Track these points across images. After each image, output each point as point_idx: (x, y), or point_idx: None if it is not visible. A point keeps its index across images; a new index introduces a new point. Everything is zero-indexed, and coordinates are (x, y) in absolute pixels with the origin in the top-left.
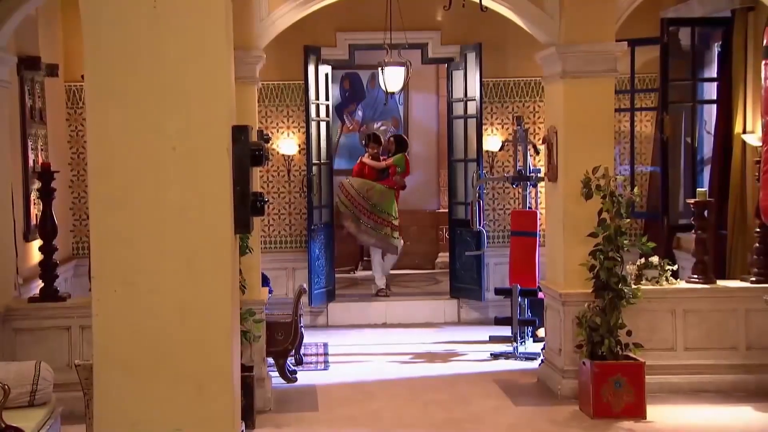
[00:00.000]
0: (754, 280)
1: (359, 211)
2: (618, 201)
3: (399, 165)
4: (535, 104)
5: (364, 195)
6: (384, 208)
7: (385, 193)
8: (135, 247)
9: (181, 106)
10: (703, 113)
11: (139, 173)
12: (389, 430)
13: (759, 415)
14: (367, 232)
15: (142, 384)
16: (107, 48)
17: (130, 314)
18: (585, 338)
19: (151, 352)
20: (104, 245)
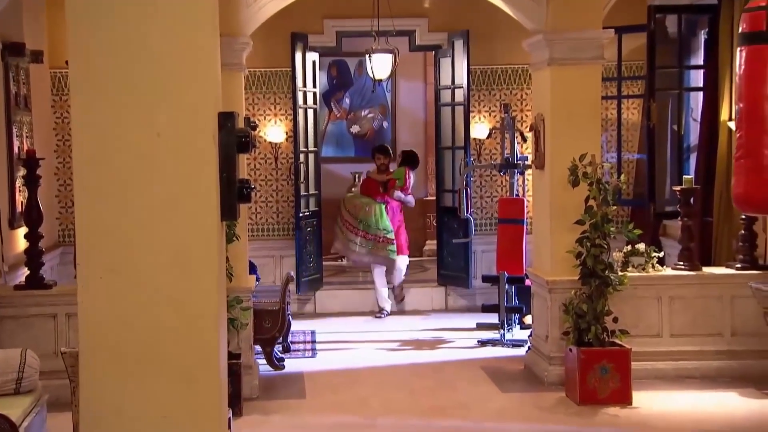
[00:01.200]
0: (740, 267)
1: (346, 228)
2: (605, 188)
3: (398, 178)
4: (522, 92)
5: (351, 211)
6: (373, 222)
7: (371, 207)
8: (120, 234)
9: (167, 93)
10: (689, 100)
11: (124, 159)
12: (376, 417)
13: (743, 400)
14: (355, 250)
15: (128, 371)
16: (91, 33)
17: (116, 301)
18: (571, 325)
19: (137, 340)
20: (89, 232)
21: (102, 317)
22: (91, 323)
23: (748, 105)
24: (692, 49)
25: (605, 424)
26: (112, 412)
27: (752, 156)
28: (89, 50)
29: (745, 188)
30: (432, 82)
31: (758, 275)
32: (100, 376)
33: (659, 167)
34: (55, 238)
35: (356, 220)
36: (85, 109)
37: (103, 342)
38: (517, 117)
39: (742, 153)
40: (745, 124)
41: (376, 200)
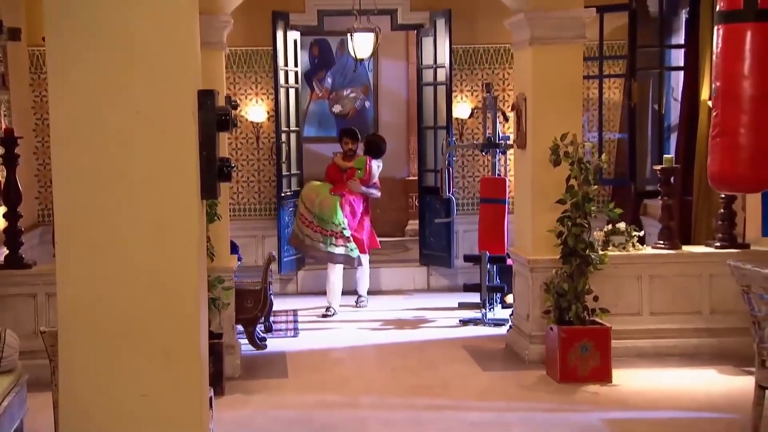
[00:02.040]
0: (719, 246)
1: (302, 222)
2: (586, 168)
3: (359, 168)
4: (504, 71)
5: (307, 203)
6: (327, 217)
7: (326, 200)
8: (99, 213)
9: (145, 70)
10: (670, 80)
11: (102, 138)
12: (358, 396)
13: (722, 377)
14: (312, 246)
15: (107, 350)
16: (68, 10)
17: (95, 280)
18: (552, 304)
19: (117, 318)
20: (68, 211)
21: (81, 296)
22: (70, 302)
23: (725, 83)
24: (673, 29)
25: (585, 402)
26: (91, 391)
27: (728, 135)
28: (66, 27)
29: (720, 167)
30: (414, 62)
31: (737, 254)
32: (79, 356)
33: (640, 147)
34: (35, 218)
35: (311, 214)
36: (62, 87)
37: (82, 321)
38: (499, 96)
39: (717, 132)
40: (721, 102)
41: (333, 192)
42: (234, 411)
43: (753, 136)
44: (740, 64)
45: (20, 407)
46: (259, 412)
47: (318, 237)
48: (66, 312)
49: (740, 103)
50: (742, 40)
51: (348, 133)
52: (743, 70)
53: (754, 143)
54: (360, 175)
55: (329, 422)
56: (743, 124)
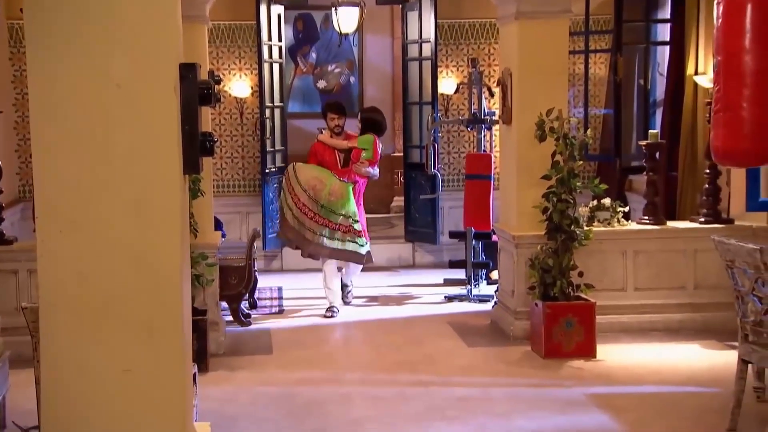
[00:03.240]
0: (703, 221)
1: (300, 210)
2: (571, 143)
3: (365, 149)
4: (490, 46)
5: (307, 188)
6: (336, 208)
7: (337, 188)
8: (80, 188)
9: (125, 43)
10: (656, 55)
11: (83, 112)
12: (343, 372)
13: (705, 352)
14: (315, 242)
15: (89, 326)
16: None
17: (77, 255)
18: (537, 280)
19: (99, 294)
20: (48, 186)
21: (62, 272)
22: (51, 278)
23: (726, 58)
24: (659, 3)
25: (570, 377)
26: (73, 366)
27: (730, 109)
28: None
29: (723, 141)
30: (399, 37)
31: (721, 229)
32: (61, 331)
33: (625, 122)
34: (16, 194)
35: (316, 203)
36: (42, 60)
37: (63, 297)
38: (485, 72)
39: (720, 106)
40: (722, 77)
41: (341, 178)
42: (218, 387)
43: (755, 110)
44: (741, 39)
45: (2, 384)
46: (244, 389)
47: (323, 231)
48: (47, 288)
49: (742, 77)
50: (743, 14)
51: (334, 107)
52: (744, 44)
53: (756, 117)
54: (367, 156)
55: (314, 398)
56: (745, 98)
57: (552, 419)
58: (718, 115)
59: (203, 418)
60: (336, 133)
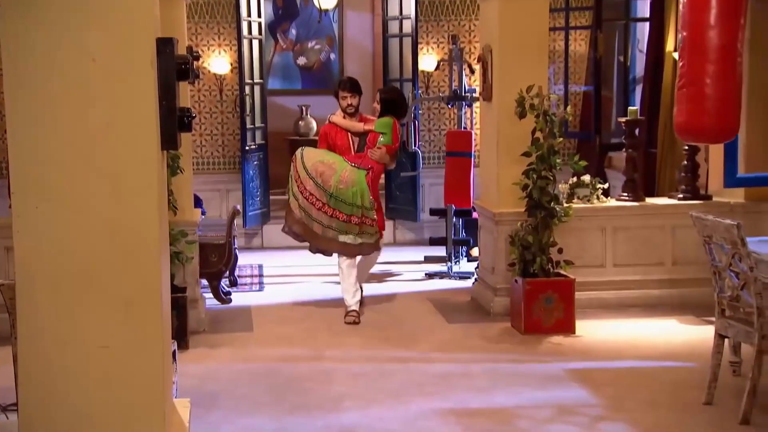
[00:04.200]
0: (681, 197)
1: (306, 200)
2: (551, 120)
3: (384, 132)
4: (470, 23)
5: (315, 176)
6: (347, 197)
7: (348, 175)
8: (56, 163)
9: (101, 16)
10: (636, 31)
11: (58, 86)
12: (323, 349)
13: (682, 327)
14: (324, 236)
15: (66, 302)
16: None
17: (54, 231)
18: (517, 257)
19: (76, 270)
20: (23, 161)
21: (38, 248)
22: (27, 254)
23: (691, 34)
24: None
25: (549, 353)
26: (51, 343)
27: (694, 85)
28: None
29: (686, 117)
30: (380, 13)
31: (699, 205)
32: (38, 308)
33: (605, 99)
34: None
35: (325, 193)
36: (16, 33)
37: (40, 273)
38: (465, 48)
39: (684, 82)
40: (687, 52)
41: (353, 163)
42: (199, 364)
43: (719, 85)
44: (706, 14)
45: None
46: (224, 366)
47: (334, 224)
48: (24, 264)
49: (706, 53)
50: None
51: (346, 84)
52: (709, 19)
53: (719, 93)
54: (386, 141)
55: (295, 375)
56: (709, 74)
57: (531, 394)
58: (682, 90)
59: (183, 394)
60: (349, 114)
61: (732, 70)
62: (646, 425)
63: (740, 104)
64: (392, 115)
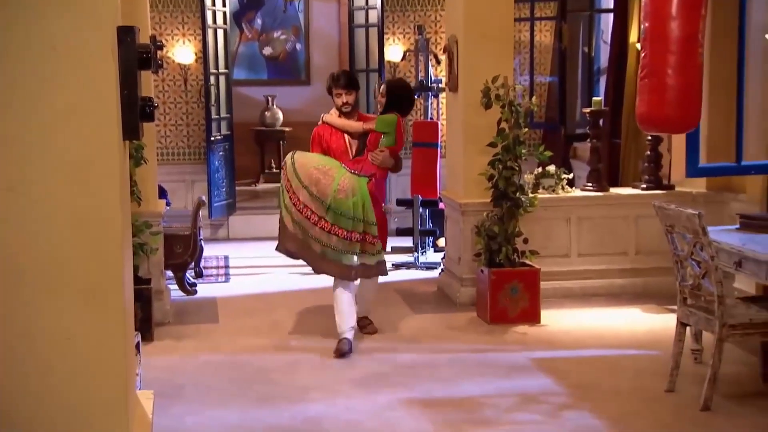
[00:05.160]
0: (645, 187)
1: (304, 218)
2: (517, 111)
3: (386, 131)
4: (436, 13)
5: (309, 185)
6: (346, 210)
7: (348, 182)
8: (16, 152)
9: (61, 3)
10: (600, 22)
11: (17, 74)
12: (290, 340)
13: (645, 315)
14: (322, 255)
15: (27, 293)
16: None
17: (13, 221)
18: (483, 247)
19: (36, 261)
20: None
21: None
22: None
23: (653, 24)
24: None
25: (514, 342)
26: (12, 335)
27: (656, 75)
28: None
29: (648, 107)
30: (345, 3)
31: (662, 195)
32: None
33: (570, 90)
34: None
35: (321, 204)
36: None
37: (0, 264)
38: (431, 39)
39: (646, 72)
40: (649, 43)
41: (353, 169)
42: (164, 356)
43: (680, 76)
44: (668, 5)
45: None
46: (190, 358)
47: (334, 242)
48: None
49: (668, 43)
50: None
51: (342, 80)
52: (671, 10)
53: (681, 84)
54: (388, 143)
55: (260, 366)
56: (671, 64)
57: (497, 383)
58: (644, 81)
59: (148, 386)
60: (345, 113)
61: (693, 61)
62: (609, 413)
63: (701, 95)
64: (397, 111)
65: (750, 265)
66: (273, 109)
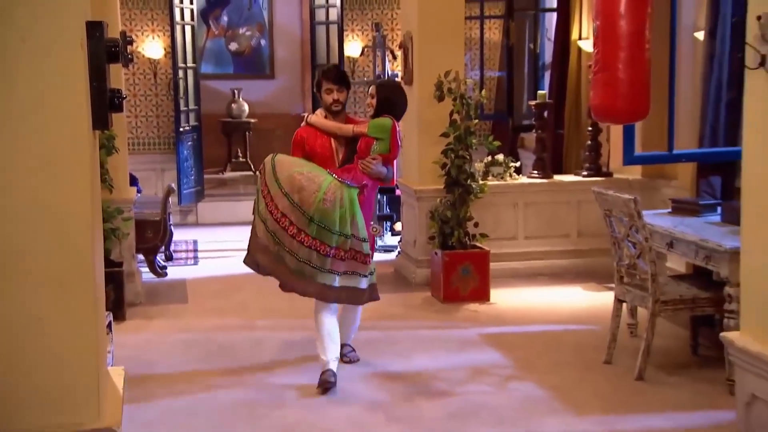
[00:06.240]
0: (586, 174)
1: (281, 228)
2: (467, 103)
3: (380, 137)
4: (393, 11)
5: (293, 197)
6: (332, 223)
7: (334, 191)
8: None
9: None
10: (544, 21)
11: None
12: (255, 320)
13: (586, 293)
14: (300, 273)
15: (1, 274)
16: None
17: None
18: (437, 230)
19: (10, 245)
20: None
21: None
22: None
23: (604, 23)
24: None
25: (466, 319)
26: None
27: (608, 70)
28: None
29: (601, 100)
30: (307, 1)
31: (601, 181)
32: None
33: (517, 84)
34: None
35: (303, 215)
36: None
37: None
38: (388, 36)
39: (599, 68)
40: (600, 40)
41: (341, 178)
42: (135, 335)
43: (629, 70)
44: (617, 4)
45: None
46: (160, 336)
47: (313, 258)
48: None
49: (618, 40)
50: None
51: (334, 74)
52: (620, 9)
53: (631, 77)
54: (382, 149)
55: (227, 343)
56: (621, 60)
57: (449, 358)
58: (597, 75)
59: (120, 363)
60: (334, 113)
61: (641, 56)
62: (552, 383)
63: (649, 87)
64: (389, 114)
65: (681, 246)
66: (239, 101)
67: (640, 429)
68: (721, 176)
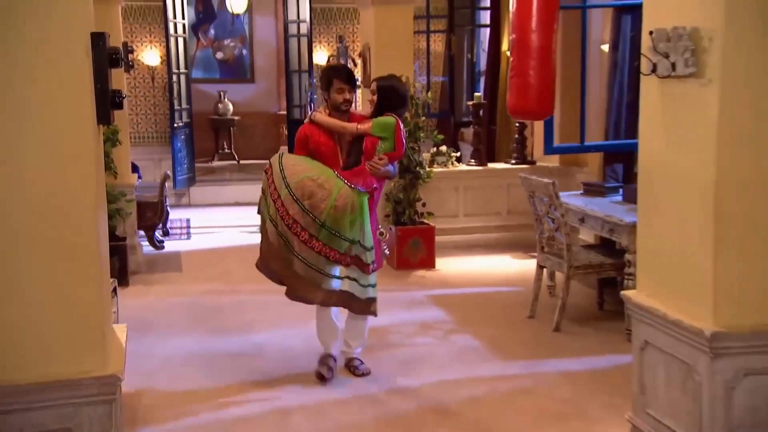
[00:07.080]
0: (514, 163)
1: (292, 234)
2: (416, 103)
3: (384, 136)
4: (354, 26)
5: (303, 203)
6: (343, 229)
7: (346, 197)
8: (6, 135)
9: (43, 12)
10: (480, 35)
11: (6, 69)
12: (238, 284)
13: (514, 261)
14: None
15: (16, 249)
16: None
17: (4, 191)
18: (391, 209)
19: (25, 222)
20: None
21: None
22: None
23: (518, 36)
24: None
25: (415, 284)
26: (2, 281)
27: (521, 76)
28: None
29: (515, 101)
30: (281, 17)
31: (527, 168)
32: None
33: (458, 87)
34: None
35: (314, 222)
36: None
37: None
38: (350, 46)
39: (514, 73)
40: (516, 51)
41: (351, 183)
42: (137, 298)
43: (539, 77)
44: (529, 20)
45: None
46: (158, 299)
47: (319, 263)
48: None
49: (530, 51)
50: (531, 2)
51: (341, 72)
52: (531, 25)
53: (539, 82)
54: (387, 148)
55: (215, 305)
56: (532, 67)
57: (401, 315)
58: (513, 80)
59: (124, 322)
60: (341, 112)
61: (548, 65)
62: (485, 335)
63: (554, 91)
64: (391, 112)
65: (590, 221)
66: (225, 101)
67: (557, 371)
68: (623, 164)
